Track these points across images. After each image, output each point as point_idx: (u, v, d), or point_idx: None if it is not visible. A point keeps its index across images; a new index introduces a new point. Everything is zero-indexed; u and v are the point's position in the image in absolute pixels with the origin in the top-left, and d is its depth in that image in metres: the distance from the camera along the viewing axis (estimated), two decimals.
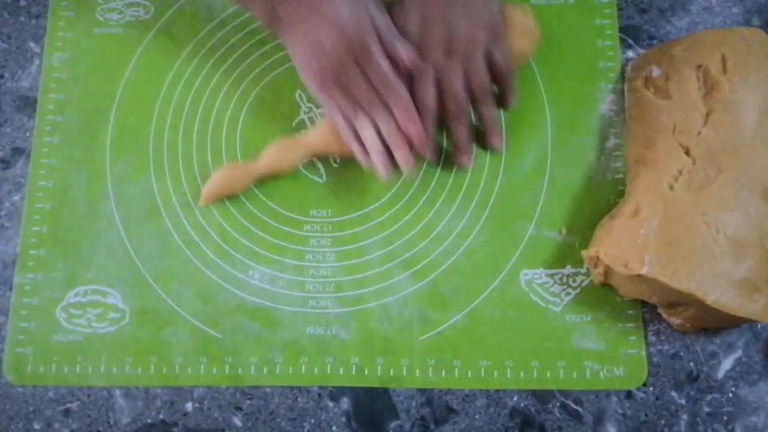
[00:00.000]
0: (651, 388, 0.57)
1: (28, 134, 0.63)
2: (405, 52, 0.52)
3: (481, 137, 0.60)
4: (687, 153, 0.56)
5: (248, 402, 0.57)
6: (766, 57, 0.58)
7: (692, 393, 0.57)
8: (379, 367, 0.58)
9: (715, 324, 0.57)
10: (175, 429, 0.57)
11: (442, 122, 0.58)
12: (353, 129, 0.56)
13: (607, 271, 0.56)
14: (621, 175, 0.61)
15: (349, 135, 0.56)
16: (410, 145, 0.55)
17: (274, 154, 0.59)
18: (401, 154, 0.55)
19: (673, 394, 0.57)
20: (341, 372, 0.57)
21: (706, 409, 0.57)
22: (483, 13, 0.55)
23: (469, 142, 0.59)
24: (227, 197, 0.60)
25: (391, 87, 0.53)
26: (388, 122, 0.54)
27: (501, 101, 0.60)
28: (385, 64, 0.52)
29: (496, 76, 0.57)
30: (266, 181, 0.61)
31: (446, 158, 0.61)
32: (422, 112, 0.55)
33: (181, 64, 0.65)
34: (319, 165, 0.62)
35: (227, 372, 0.57)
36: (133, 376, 0.57)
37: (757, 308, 0.52)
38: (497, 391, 0.57)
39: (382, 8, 0.54)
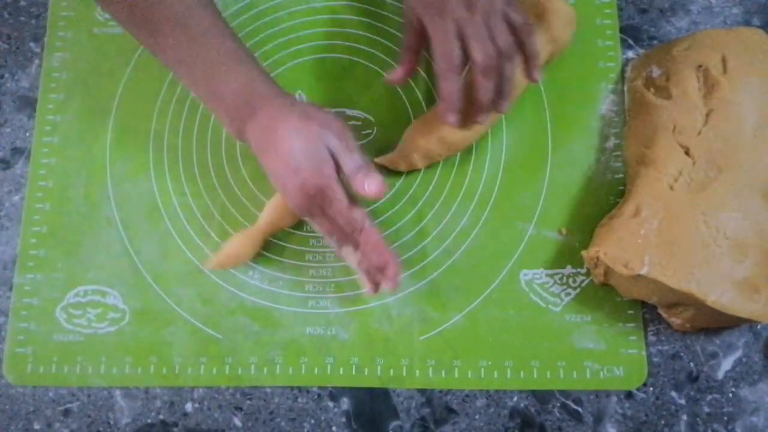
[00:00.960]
0: (651, 388, 0.57)
1: (28, 134, 0.63)
2: (374, 186, 0.52)
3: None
4: (687, 153, 0.56)
5: (248, 402, 0.57)
6: (766, 57, 0.58)
7: (692, 393, 0.57)
8: (379, 368, 0.58)
9: (715, 324, 0.57)
10: (175, 429, 0.57)
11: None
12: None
13: (607, 271, 0.56)
14: (621, 175, 0.61)
15: (336, 250, 0.56)
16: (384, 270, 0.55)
17: (273, 212, 0.58)
18: (383, 278, 0.55)
19: (673, 394, 0.57)
20: (341, 372, 0.57)
21: (706, 409, 0.57)
22: None
23: (507, 94, 0.55)
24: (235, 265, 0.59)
25: (356, 228, 0.54)
26: (361, 254, 0.55)
27: (526, 71, 0.57)
28: (342, 207, 0.52)
29: (518, 37, 0.55)
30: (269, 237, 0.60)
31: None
32: (447, 70, 0.53)
33: None
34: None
35: (227, 372, 0.57)
36: (133, 376, 0.57)
37: (757, 308, 0.52)
38: (497, 391, 0.57)
39: (334, 125, 0.53)
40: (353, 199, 0.54)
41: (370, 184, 0.52)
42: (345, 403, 0.57)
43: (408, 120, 0.63)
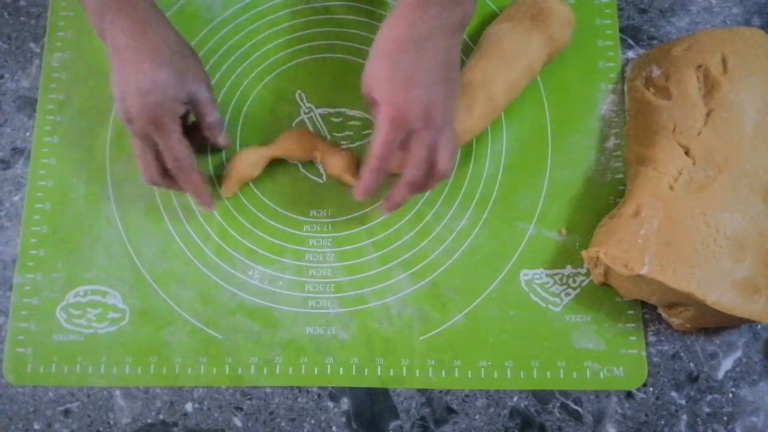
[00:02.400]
0: (651, 389, 0.57)
1: (28, 134, 0.63)
2: (226, 140, 0.59)
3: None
4: (687, 153, 0.56)
5: (248, 402, 0.57)
6: (766, 57, 0.58)
7: (692, 393, 0.57)
8: (379, 368, 0.58)
9: (715, 324, 0.57)
10: (175, 429, 0.57)
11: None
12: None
13: (607, 271, 0.56)
14: (621, 175, 0.61)
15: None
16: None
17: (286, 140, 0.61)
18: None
19: (673, 394, 0.57)
20: (341, 372, 0.57)
21: (706, 409, 0.57)
22: (452, 99, 0.53)
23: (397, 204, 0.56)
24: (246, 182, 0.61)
25: (181, 166, 0.55)
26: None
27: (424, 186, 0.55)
28: (174, 143, 0.54)
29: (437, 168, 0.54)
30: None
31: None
32: (379, 168, 0.53)
33: None
34: (319, 165, 0.62)
35: (227, 372, 0.57)
36: (133, 376, 0.57)
37: (757, 308, 0.52)
38: (497, 391, 0.57)
39: (205, 75, 0.57)
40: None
41: (225, 138, 0.59)
42: (345, 403, 0.57)
43: None
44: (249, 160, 0.59)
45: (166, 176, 0.57)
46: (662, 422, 0.56)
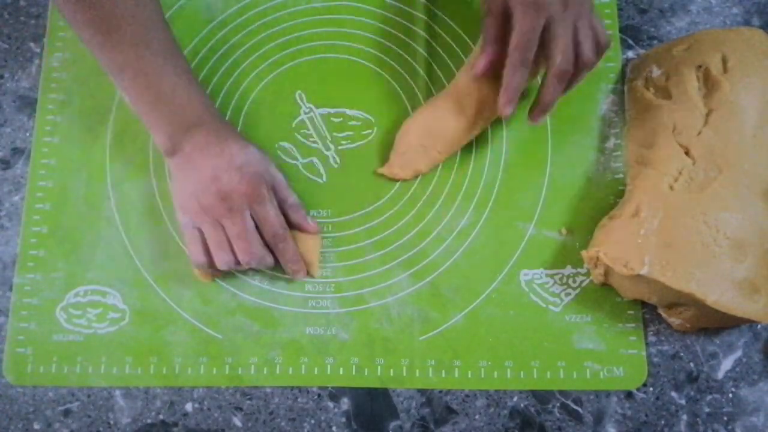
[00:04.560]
0: (651, 389, 0.57)
1: (28, 134, 0.63)
2: (314, 224, 0.58)
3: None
4: (687, 153, 0.56)
5: (248, 402, 0.57)
6: (766, 57, 0.58)
7: (692, 393, 0.57)
8: (379, 368, 0.58)
9: (715, 324, 0.57)
10: (175, 429, 0.57)
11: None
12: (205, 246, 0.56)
13: (607, 271, 0.56)
14: (621, 175, 0.61)
15: (199, 247, 0.56)
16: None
17: None
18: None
19: (673, 394, 0.57)
20: (341, 372, 0.57)
21: (706, 409, 0.57)
22: None
23: (550, 104, 0.55)
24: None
25: (279, 235, 0.56)
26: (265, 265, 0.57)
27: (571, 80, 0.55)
28: (276, 214, 0.56)
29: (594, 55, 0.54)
30: None
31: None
32: (520, 63, 0.53)
33: None
34: (319, 165, 0.62)
35: (227, 372, 0.57)
36: (133, 376, 0.57)
37: (757, 308, 0.52)
38: (497, 391, 0.57)
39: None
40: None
41: (312, 221, 0.58)
42: (345, 403, 0.57)
43: None
44: (318, 245, 0.59)
45: (231, 254, 0.56)
46: (662, 422, 0.56)
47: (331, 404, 0.57)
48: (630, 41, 0.65)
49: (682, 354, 0.58)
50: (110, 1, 0.52)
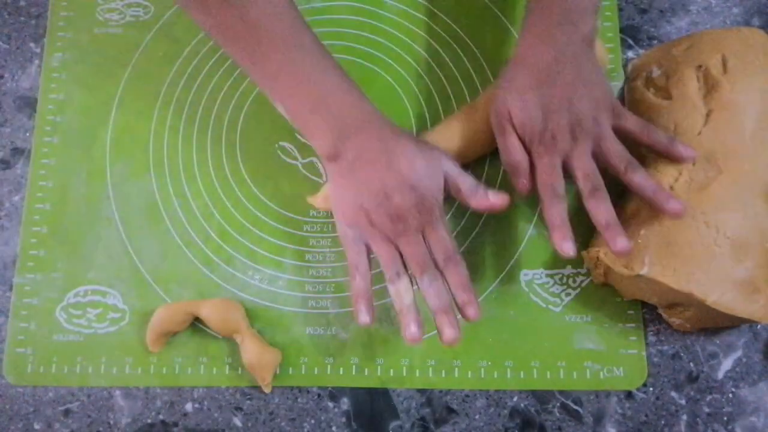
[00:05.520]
0: (651, 389, 0.57)
1: (28, 134, 0.63)
2: (499, 198, 0.53)
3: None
4: None
5: (248, 402, 0.57)
6: (766, 57, 0.58)
7: (692, 393, 0.57)
8: (379, 368, 0.58)
9: (715, 324, 0.57)
10: (175, 429, 0.57)
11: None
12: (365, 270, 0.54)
13: (607, 271, 0.56)
14: None
15: (389, 282, 0.53)
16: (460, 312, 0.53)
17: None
18: (448, 321, 0.52)
19: (673, 394, 0.57)
20: (341, 372, 0.57)
21: (706, 409, 0.57)
22: (604, 95, 0.54)
23: (615, 223, 0.52)
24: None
25: (452, 258, 0.52)
26: (439, 288, 0.52)
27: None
28: (447, 233, 0.52)
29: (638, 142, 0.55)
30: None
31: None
32: (552, 197, 0.53)
33: (181, 64, 0.65)
34: (320, 165, 0.62)
35: (227, 372, 0.57)
36: (133, 376, 0.57)
37: (757, 308, 0.52)
38: (497, 391, 0.57)
39: (448, 153, 0.54)
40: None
41: (494, 196, 0.53)
42: (345, 403, 0.57)
43: (408, 121, 0.63)
44: (175, 319, 0.56)
45: (404, 270, 0.53)
46: (662, 422, 0.56)
47: (331, 404, 0.57)
48: (630, 41, 0.65)
49: (682, 354, 0.58)
50: (253, 5, 0.49)
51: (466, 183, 0.53)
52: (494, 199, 0.53)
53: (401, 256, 0.53)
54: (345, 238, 0.54)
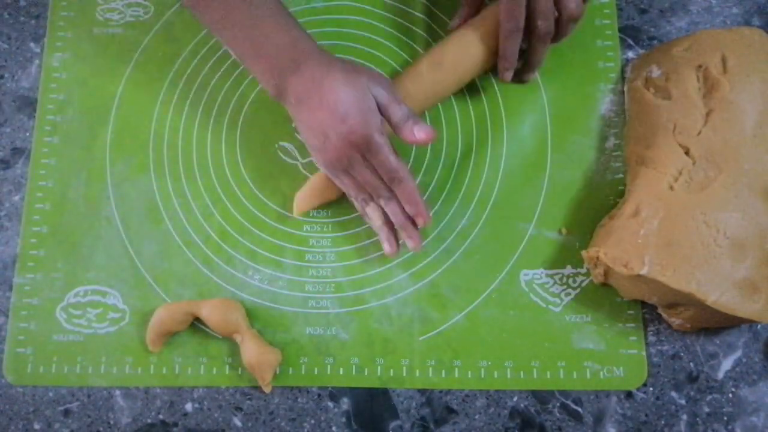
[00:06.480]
0: (651, 389, 0.57)
1: (28, 134, 0.63)
2: (424, 132, 0.53)
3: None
4: (687, 153, 0.56)
5: (248, 402, 0.57)
6: (766, 57, 0.58)
7: (692, 393, 0.57)
8: (379, 368, 0.58)
9: (715, 324, 0.57)
10: (175, 429, 0.57)
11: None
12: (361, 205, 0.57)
13: (607, 271, 0.56)
14: (621, 175, 0.61)
15: (359, 209, 0.58)
16: (414, 224, 0.57)
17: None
18: (408, 234, 0.57)
19: (673, 394, 0.57)
20: (341, 372, 0.57)
21: (706, 409, 0.57)
22: None
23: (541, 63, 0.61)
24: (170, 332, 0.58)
25: (396, 177, 0.54)
26: (394, 207, 0.56)
27: (555, 38, 0.59)
28: (388, 156, 0.53)
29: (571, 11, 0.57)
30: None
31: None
32: (512, 30, 0.56)
33: (181, 64, 0.65)
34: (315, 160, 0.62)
35: (227, 372, 0.57)
36: (133, 376, 0.57)
37: (757, 308, 0.52)
38: (497, 391, 0.57)
39: (381, 79, 0.54)
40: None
41: (419, 131, 0.53)
42: (345, 403, 0.57)
43: None
44: (175, 318, 0.57)
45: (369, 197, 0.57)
46: (662, 422, 0.56)
47: (331, 404, 0.57)
48: (630, 41, 0.65)
49: (682, 354, 0.58)
50: None
51: (396, 113, 0.53)
52: (419, 135, 0.53)
53: None
54: (331, 179, 0.57)
